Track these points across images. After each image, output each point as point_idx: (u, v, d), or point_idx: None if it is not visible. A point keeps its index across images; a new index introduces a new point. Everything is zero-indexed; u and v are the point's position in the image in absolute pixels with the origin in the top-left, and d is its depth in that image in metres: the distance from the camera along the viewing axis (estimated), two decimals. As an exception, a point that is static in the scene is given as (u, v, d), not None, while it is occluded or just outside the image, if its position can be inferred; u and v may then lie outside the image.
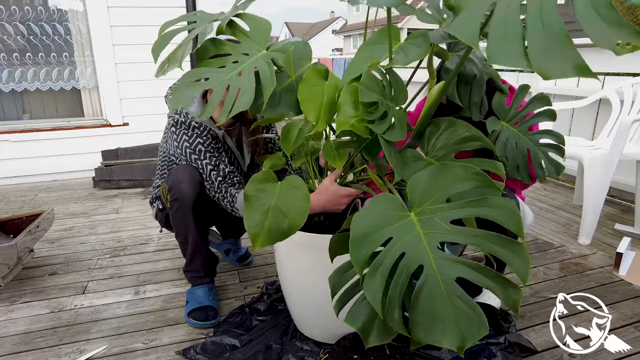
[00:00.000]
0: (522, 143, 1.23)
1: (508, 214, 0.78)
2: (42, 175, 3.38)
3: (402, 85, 1.05)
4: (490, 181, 0.84)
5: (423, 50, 0.96)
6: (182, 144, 1.47)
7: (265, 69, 1.02)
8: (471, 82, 1.20)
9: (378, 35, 1.03)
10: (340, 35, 39.23)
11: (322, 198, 1.24)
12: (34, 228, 1.88)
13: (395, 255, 0.78)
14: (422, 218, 0.83)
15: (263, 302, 1.63)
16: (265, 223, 0.99)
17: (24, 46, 3.29)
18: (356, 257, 0.77)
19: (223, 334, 1.45)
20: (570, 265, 1.94)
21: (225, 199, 1.43)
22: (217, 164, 1.46)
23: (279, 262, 1.41)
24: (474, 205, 0.81)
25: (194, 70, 1.04)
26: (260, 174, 1.09)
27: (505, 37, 0.63)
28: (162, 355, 1.38)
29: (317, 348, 1.37)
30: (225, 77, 1.02)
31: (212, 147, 1.49)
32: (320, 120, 1.02)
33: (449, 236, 0.79)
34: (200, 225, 1.53)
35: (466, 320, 0.72)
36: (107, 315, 1.59)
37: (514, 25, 0.64)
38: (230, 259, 1.98)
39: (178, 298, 1.70)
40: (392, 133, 0.98)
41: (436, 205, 0.83)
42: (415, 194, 0.86)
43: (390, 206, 0.85)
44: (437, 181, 0.86)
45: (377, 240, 0.79)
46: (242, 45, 1.09)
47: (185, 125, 1.48)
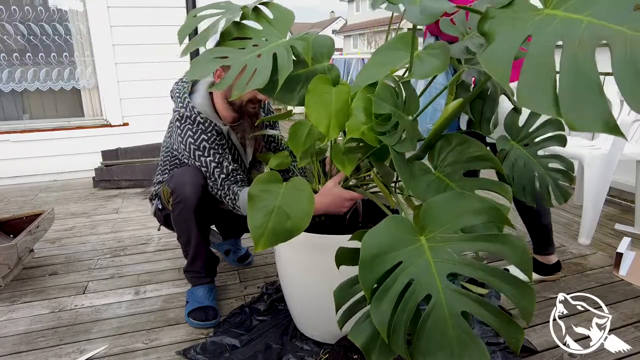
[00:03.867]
0: (530, 165, 1.21)
1: (520, 254, 0.78)
2: (42, 175, 3.38)
3: (415, 96, 1.04)
4: (506, 219, 0.83)
5: (441, 64, 0.93)
6: (187, 140, 1.46)
7: (283, 54, 1.02)
8: (485, 97, 1.18)
9: (396, 41, 1.01)
10: (340, 35, 39.25)
11: (325, 200, 1.24)
12: (34, 228, 1.88)
13: (404, 281, 0.78)
14: (433, 245, 0.82)
15: (263, 302, 1.63)
16: (269, 224, 0.99)
17: (24, 46, 3.29)
18: (365, 279, 0.77)
19: (223, 334, 1.45)
20: (571, 265, 1.94)
21: (227, 196, 1.43)
22: (221, 161, 1.45)
23: (279, 262, 1.41)
24: (487, 240, 0.81)
25: (215, 48, 1.07)
26: (265, 174, 1.09)
27: (536, 82, 0.62)
28: (162, 355, 1.38)
29: (317, 348, 1.37)
30: (244, 57, 1.03)
31: (216, 143, 1.47)
32: (331, 129, 1.01)
33: (459, 268, 0.79)
34: (202, 227, 1.53)
35: (468, 353, 0.73)
36: (107, 315, 1.60)
37: (547, 70, 0.62)
38: (230, 259, 1.98)
39: (178, 298, 1.70)
40: (403, 145, 0.96)
41: (449, 234, 0.83)
42: (429, 218, 0.85)
43: (402, 228, 0.84)
44: (453, 209, 0.85)
45: (387, 263, 0.79)
46: (264, 31, 1.10)
47: (190, 120, 1.46)
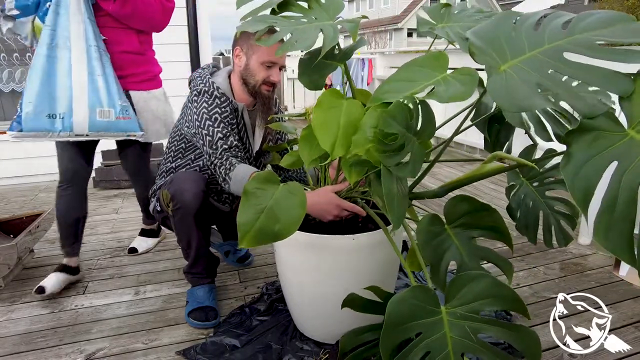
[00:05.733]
0: (537, 205, 1.23)
1: (532, 347, 0.83)
2: (42, 175, 3.38)
3: (432, 119, 1.00)
4: (527, 313, 0.87)
5: (467, 90, 0.88)
6: (200, 111, 1.48)
7: (329, 30, 1.04)
8: (502, 123, 1.19)
9: (426, 59, 0.99)
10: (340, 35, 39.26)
11: (319, 200, 1.24)
12: (34, 228, 1.88)
13: (420, 354, 0.83)
14: (453, 320, 0.87)
15: (263, 302, 1.63)
16: (257, 223, 0.98)
17: (24, 46, 3.29)
18: (385, 345, 0.83)
19: (223, 334, 1.45)
20: (571, 265, 1.94)
21: (223, 165, 1.43)
22: (227, 135, 1.47)
23: (279, 262, 1.41)
24: (504, 327, 0.86)
25: (267, 15, 1.10)
26: (264, 172, 1.09)
27: (616, 223, 0.65)
28: (162, 356, 1.38)
29: (317, 348, 1.37)
30: (292, 26, 1.06)
31: (228, 120, 1.49)
32: (336, 148, 0.98)
33: (474, 350, 0.84)
34: (203, 231, 1.53)
35: None
36: (107, 315, 1.60)
37: (628, 212, 0.65)
38: (230, 260, 1.98)
39: (178, 298, 1.70)
40: (402, 169, 0.93)
41: (469, 312, 0.87)
42: (454, 291, 0.89)
43: (425, 299, 0.88)
44: (479, 292, 0.88)
45: (407, 333, 0.85)
46: (314, 11, 1.13)
47: (207, 95, 1.49)
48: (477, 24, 1.17)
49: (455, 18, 1.22)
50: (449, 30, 1.17)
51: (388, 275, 1.37)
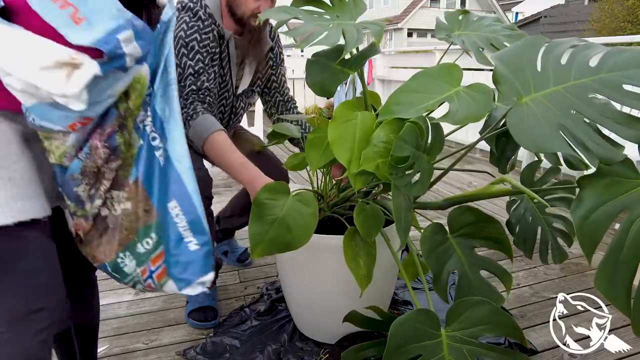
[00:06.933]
0: (536, 221, 1.24)
1: None
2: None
3: (442, 137, 0.99)
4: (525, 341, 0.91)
5: (480, 112, 0.84)
6: (178, 33, 1.29)
7: (352, 30, 1.02)
8: (510, 137, 1.18)
9: (438, 71, 0.97)
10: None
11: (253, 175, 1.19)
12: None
13: None
14: (452, 344, 0.88)
15: (263, 303, 1.63)
16: (269, 234, 0.99)
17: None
18: None
19: (223, 334, 1.45)
20: (571, 265, 1.94)
21: (185, 108, 1.29)
22: (200, 73, 1.31)
23: (279, 262, 1.42)
24: (502, 354, 0.88)
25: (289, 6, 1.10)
26: (274, 183, 1.08)
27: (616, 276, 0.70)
28: (162, 356, 1.38)
29: (317, 348, 1.37)
30: (314, 20, 1.06)
31: (206, 50, 1.33)
32: (353, 162, 0.94)
33: None
34: None
35: None
36: (107, 315, 1.59)
37: (630, 267, 0.67)
38: (230, 259, 1.98)
39: (178, 298, 1.70)
40: (413, 188, 0.91)
41: (469, 337, 0.89)
42: (455, 316, 0.90)
43: (427, 322, 0.90)
44: (479, 318, 0.89)
45: (409, 354, 0.87)
46: (336, 9, 1.12)
47: (191, 13, 1.31)
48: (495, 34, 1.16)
49: (473, 26, 1.21)
50: (465, 39, 1.16)
51: (389, 274, 1.37)
